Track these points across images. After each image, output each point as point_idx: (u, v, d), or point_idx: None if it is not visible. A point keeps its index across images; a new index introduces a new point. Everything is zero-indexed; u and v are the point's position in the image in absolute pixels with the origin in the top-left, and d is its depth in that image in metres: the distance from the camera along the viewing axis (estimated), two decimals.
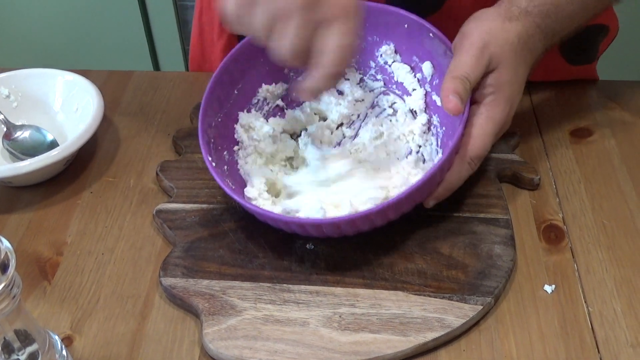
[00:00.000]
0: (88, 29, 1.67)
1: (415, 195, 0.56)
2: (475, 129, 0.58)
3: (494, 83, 0.58)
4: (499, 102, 0.58)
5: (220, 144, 0.63)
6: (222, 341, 0.53)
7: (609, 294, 0.56)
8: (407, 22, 0.64)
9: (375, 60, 0.68)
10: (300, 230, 0.56)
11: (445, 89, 0.56)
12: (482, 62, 0.57)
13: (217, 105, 0.64)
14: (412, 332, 0.53)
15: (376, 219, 0.55)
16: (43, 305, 0.58)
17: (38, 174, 0.66)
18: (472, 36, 0.58)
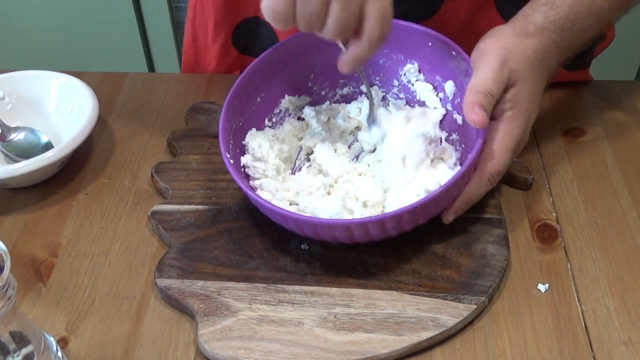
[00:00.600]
0: (83, 30, 1.67)
1: (431, 206, 0.56)
2: (494, 144, 0.58)
3: (512, 98, 0.58)
4: (516, 117, 0.58)
5: (237, 147, 0.64)
6: (217, 342, 0.53)
7: (602, 293, 0.57)
8: (432, 41, 0.64)
9: (398, 79, 0.68)
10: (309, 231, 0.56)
11: (470, 102, 0.55)
12: (502, 77, 0.57)
13: (238, 110, 0.64)
14: (406, 331, 0.53)
15: (389, 226, 0.54)
16: (38, 306, 0.58)
17: (33, 175, 0.66)
18: (491, 52, 0.58)
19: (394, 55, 0.67)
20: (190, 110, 0.75)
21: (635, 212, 0.63)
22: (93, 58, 1.72)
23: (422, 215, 0.56)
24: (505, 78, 0.57)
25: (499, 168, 0.58)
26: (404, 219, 0.54)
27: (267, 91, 0.66)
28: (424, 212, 0.55)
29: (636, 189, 0.65)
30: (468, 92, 0.56)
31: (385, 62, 0.68)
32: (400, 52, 0.66)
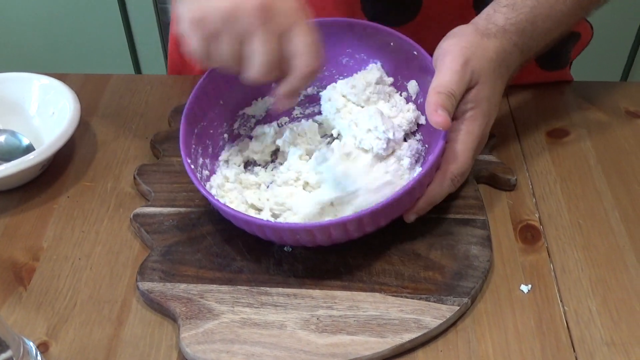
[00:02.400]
0: (68, 32, 1.66)
1: (393, 208, 0.55)
2: (456, 145, 0.58)
3: (473, 99, 0.58)
4: (477, 117, 0.58)
5: (201, 150, 0.63)
6: (199, 345, 0.53)
7: (584, 293, 0.57)
8: (393, 40, 0.64)
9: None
10: (272, 235, 0.56)
11: (432, 104, 0.55)
12: (464, 78, 0.57)
13: (200, 114, 0.63)
14: (389, 333, 0.53)
15: (351, 228, 0.54)
16: (19, 311, 0.57)
17: (14, 178, 0.65)
18: (454, 52, 0.58)
19: (356, 55, 0.67)
20: (174, 112, 0.74)
21: (617, 212, 0.63)
22: (79, 60, 1.71)
23: (383, 216, 0.56)
24: (467, 79, 0.57)
25: (462, 168, 0.58)
26: (365, 221, 0.54)
27: (228, 93, 0.66)
28: (385, 213, 0.55)
29: (619, 189, 0.66)
30: (430, 93, 0.56)
31: (348, 62, 0.68)
32: (363, 51, 0.66)
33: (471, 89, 0.58)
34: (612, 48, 1.51)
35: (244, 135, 0.68)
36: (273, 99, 0.67)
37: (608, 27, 1.42)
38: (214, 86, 0.64)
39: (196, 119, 0.63)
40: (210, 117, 0.65)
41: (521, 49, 0.61)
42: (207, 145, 0.64)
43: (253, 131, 0.68)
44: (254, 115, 0.68)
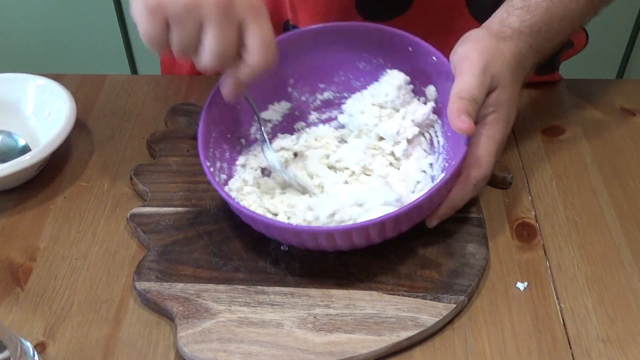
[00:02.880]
0: (64, 32, 1.66)
1: (415, 213, 0.55)
2: (478, 150, 0.57)
3: (494, 103, 0.58)
4: (498, 121, 0.58)
5: (218, 154, 0.63)
6: (196, 344, 0.53)
7: (581, 291, 0.57)
8: (412, 45, 0.63)
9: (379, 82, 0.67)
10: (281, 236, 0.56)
11: (455, 110, 0.55)
12: (485, 82, 0.57)
13: (218, 118, 0.63)
14: (386, 331, 0.53)
15: (373, 233, 0.54)
16: (16, 311, 0.57)
17: (10, 179, 0.65)
18: (472, 57, 0.57)
19: (374, 60, 0.67)
20: (170, 112, 0.74)
21: (613, 210, 0.64)
22: (75, 60, 1.71)
23: (405, 222, 0.55)
24: (487, 83, 0.57)
25: (484, 173, 0.58)
26: (387, 227, 0.54)
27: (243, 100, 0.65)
28: (407, 218, 0.55)
29: (614, 187, 0.66)
30: (452, 98, 0.56)
31: (365, 67, 0.67)
32: (380, 56, 0.66)
33: (491, 92, 0.58)
34: (607, 46, 1.51)
35: (261, 140, 0.66)
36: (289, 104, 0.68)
37: (604, 25, 1.42)
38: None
39: (214, 122, 0.62)
40: (228, 121, 0.64)
41: (536, 51, 0.61)
42: (224, 149, 0.64)
43: (272, 143, 0.68)
44: (270, 120, 0.68)
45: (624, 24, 1.51)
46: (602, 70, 1.59)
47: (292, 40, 0.65)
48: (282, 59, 0.65)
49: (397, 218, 0.53)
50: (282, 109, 0.69)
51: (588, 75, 0.87)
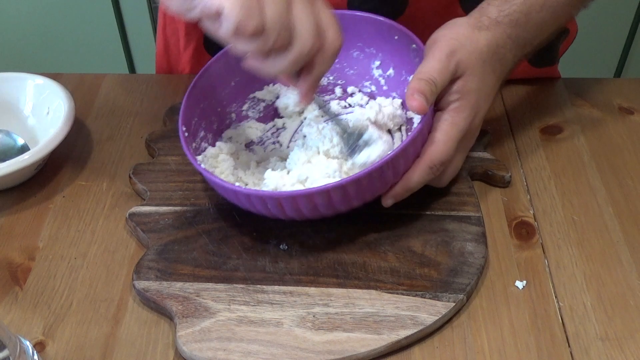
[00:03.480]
0: (62, 32, 1.66)
1: (368, 181, 0.55)
2: (438, 133, 0.58)
3: (459, 90, 0.58)
4: (463, 108, 0.58)
5: (204, 125, 0.65)
6: (195, 343, 0.53)
7: (579, 289, 0.57)
8: (397, 34, 0.64)
9: (370, 72, 0.69)
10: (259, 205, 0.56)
11: (411, 89, 0.56)
12: (449, 67, 0.57)
13: (209, 89, 0.64)
14: (385, 330, 0.53)
15: (335, 196, 0.54)
16: (15, 310, 0.57)
17: (9, 178, 0.65)
18: (441, 42, 0.58)
19: (366, 49, 0.68)
20: (169, 111, 0.74)
21: (611, 208, 0.64)
22: (73, 59, 1.71)
23: (354, 192, 0.55)
24: (451, 69, 0.57)
25: (441, 157, 0.57)
26: (348, 189, 0.54)
27: (241, 75, 0.67)
28: (356, 189, 0.55)
29: (612, 185, 0.66)
30: (412, 79, 0.57)
31: (359, 55, 0.68)
32: (373, 45, 0.67)
33: (457, 79, 0.58)
34: (605, 44, 1.51)
35: (252, 117, 0.69)
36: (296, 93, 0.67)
37: (601, 23, 1.43)
38: (227, 66, 0.65)
39: (203, 93, 0.64)
40: (220, 95, 0.66)
41: (515, 42, 0.61)
42: (212, 121, 0.66)
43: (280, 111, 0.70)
44: (264, 100, 0.70)
45: (621, 23, 1.52)
46: (599, 69, 1.59)
47: None
48: None
49: (353, 182, 0.53)
50: (276, 90, 0.70)
51: (586, 74, 0.88)
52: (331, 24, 0.52)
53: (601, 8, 1.37)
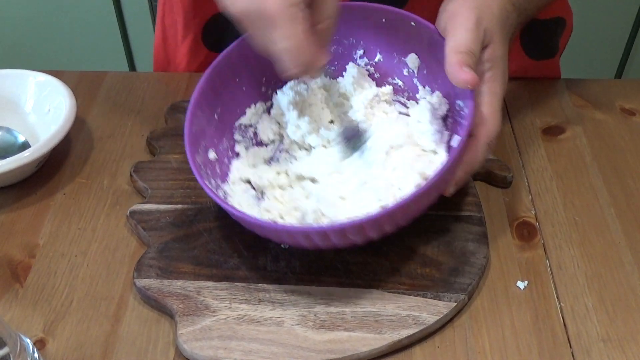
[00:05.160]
0: (63, 29, 1.66)
1: (438, 185, 0.53)
2: (483, 108, 0.56)
3: (490, 58, 0.57)
4: (497, 76, 0.57)
5: (210, 172, 0.60)
6: (196, 342, 0.53)
7: (581, 290, 0.57)
8: (385, 16, 0.62)
9: (355, 62, 0.66)
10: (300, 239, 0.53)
11: (455, 63, 0.54)
12: (479, 37, 0.56)
13: (200, 133, 0.60)
14: (386, 329, 0.53)
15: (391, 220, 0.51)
16: (15, 308, 0.57)
17: (9, 175, 0.65)
18: (463, 12, 0.56)
19: (344, 40, 0.65)
20: (170, 109, 0.74)
21: (613, 209, 0.64)
22: (73, 57, 1.71)
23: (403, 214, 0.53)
24: (481, 37, 0.56)
25: (495, 130, 0.56)
26: (400, 213, 0.51)
27: (221, 106, 0.62)
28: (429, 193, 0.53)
29: (614, 186, 0.66)
30: (449, 54, 0.55)
31: (337, 49, 0.65)
32: (352, 35, 0.64)
33: (485, 48, 0.57)
34: (607, 45, 1.51)
35: (247, 145, 0.65)
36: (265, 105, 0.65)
37: (603, 24, 1.43)
38: (206, 102, 0.61)
39: (197, 140, 0.59)
40: (210, 135, 0.61)
41: (517, 9, 0.61)
42: (214, 166, 0.61)
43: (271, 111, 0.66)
44: (251, 124, 0.65)
45: (623, 24, 1.52)
46: (600, 70, 1.59)
47: None
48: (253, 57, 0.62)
49: (418, 197, 0.50)
50: (259, 111, 0.66)
51: (587, 74, 0.88)
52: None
53: (602, 9, 1.37)
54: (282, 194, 0.61)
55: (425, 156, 0.60)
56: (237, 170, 0.62)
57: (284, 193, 0.61)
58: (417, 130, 0.61)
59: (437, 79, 0.62)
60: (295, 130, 0.63)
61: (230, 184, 0.61)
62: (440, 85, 0.62)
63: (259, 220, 0.54)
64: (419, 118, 0.61)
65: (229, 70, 0.62)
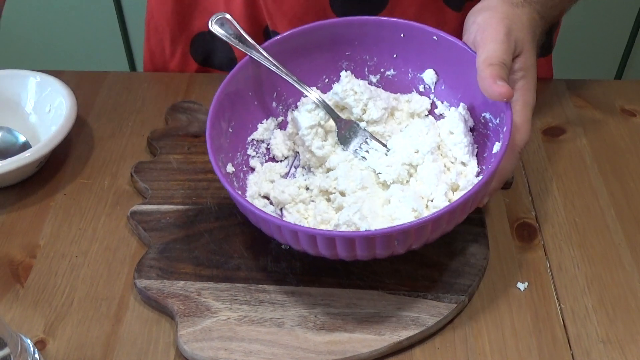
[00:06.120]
0: (63, 29, 1.66)
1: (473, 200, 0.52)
2: (516, 117, 0.56)
3: (521, 67, 0.57)
4: (529, 86, 0.58)
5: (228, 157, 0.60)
6: (197, 342, 0.53)
7: (581, 291, 0.57)
8: (404, 31, 0.62)
9: (367, 79, 0.66)
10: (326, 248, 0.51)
11: (489, 77, 0.54)
12: (510, 47, 0.56)
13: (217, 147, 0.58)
14: (386, 330, 0.53)
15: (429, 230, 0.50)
16: (16, 308, 0.57)
17: (10, 176, 0.65)
18: (493, 24, 0.57)
19: (358, 57, 0.65)
20: (171, 109, 0.74)
21: (613, 210, 0.64)
22: (73, 57, 1.71)
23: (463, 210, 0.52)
24: (512, 48, 0.56)
25: (526, 138, 0.57)
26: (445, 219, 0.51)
27: (235, 121, 0.62)
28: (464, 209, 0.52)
29: (614, 187, 0.66)
30: (481, 67, 0.55)
31: (349, 65, 0.65)
32: (367, 52, 0.64)
33: (517, 58, 0.57)
34: (607, 46, 1.51)
35: (261, 160, 0.64)
36: (276, 120, 0.65)
37: (603, 25, 1.43)
38: (223, 112, 0.60)
39: (218, 151, 0.58)
40: (226, 148, 0.60)
41: (543, 18, 0.61)
42: (232, 180, 0.60)
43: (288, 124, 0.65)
44: (263, 140, 0.65)
45: (623, 25, 1.52)
46: (601, 71, 1.59)
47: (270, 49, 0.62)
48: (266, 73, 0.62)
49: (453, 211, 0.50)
50: (270, 126, 0.65)
51: (587, 75, 0.88)
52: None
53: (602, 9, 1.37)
54: (306, 208, 0.61)
55: (453, 168, 0.60)
56: (255, 184, 0.62)
57: (308, 207, 0.61)
58: (450, 142, 0.61)
59: (457, 93, 0.62)
60: (320, 148, 0.63)
61: (250, 198, 0.60)
62: (462, 98, 0.62)
63: (316, 230, 0.52)
64: (451, 129, 0.61)
65: (244, 82, 0.62)
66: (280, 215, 0.61)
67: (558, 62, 0.88)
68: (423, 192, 0.58)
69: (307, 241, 0.51)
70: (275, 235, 0.53)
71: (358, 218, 0.55)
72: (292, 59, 0.63)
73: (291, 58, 0.63)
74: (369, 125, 0.63)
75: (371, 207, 0.57)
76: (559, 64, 0.89)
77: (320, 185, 0.61)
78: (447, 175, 0.59)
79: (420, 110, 0.64)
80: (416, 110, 0.64)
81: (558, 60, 0.88)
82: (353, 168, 0.61)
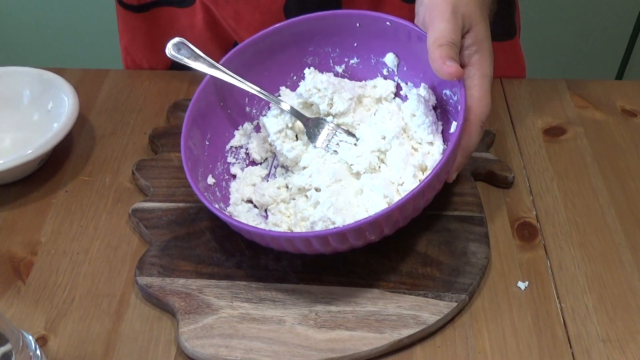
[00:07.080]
0: (65, 26, 1.66)
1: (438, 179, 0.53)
2: (474, 91, 0.57)
3: (474, 42, 0.58)
4: (484, 58, 0.58)
5: (211, 196, 0.61)
6: (198, 340, 0.53)
7: (581, 290, 0.57)
8: (360, 20, 0.63)
9: (333, 70, 0.67)
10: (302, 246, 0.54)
11: (438, 57, 0.54)
12: (458, 25, 0.56)
13: (194, 158, 0.60)
14: (387, 329, 0.53)
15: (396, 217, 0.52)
16: (17, 305, 0.57)
17: (12, 173, 0.65)
18: (438, 4, 0.57)
19: (321, 50, 0.66)
20: (172, 107, 0.74)
21: (613, 210, 0.64)
22: (75, 54, 1.71)
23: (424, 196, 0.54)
24: (460, 25, 0.57)
25: (486, 111, 0.57)
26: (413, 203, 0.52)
27: (211, 131, 0.64)
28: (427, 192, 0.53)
29: (614, 187, 0.66)
30: (431, 48, 0.56)
31: (314, 60, 0.67)
32: (329, 44, 0.66)
33: (467, 33, 0.58)
34: (608, 46, 1.51)
35: (241, 166, 0.66)
36: (252, 124, 0.67)
37: (604, 25, 1.43)
38: (197, 129, 0.62)
39: (195, 168, 0.60)
40: (204, 161, 0.62)
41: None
42: (214, 191, 0.62)
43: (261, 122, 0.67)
44: (242, 145, 0.66)
45: (624, 25, 1.52)
46: (601, 71, 1.59)
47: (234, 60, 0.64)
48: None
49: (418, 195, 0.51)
50: (247, 131, 0.67)
51: (588, 75, 0.88)
52: None
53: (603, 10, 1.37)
54: (287, 207, 0.62)
55: (420, 149, 0.61)
56: (237, 191, 0.63)
57: (288, 206, 0.62)
58: (413, 124, 0.61)
59: (419, 73, 0.64)
60: (291, 150, 0.64)
61: (233, 206, 0.62)
62: (423, 78, 0.63)
63: (287, 234, 0.55)
64: (413, 111, 0.62)
65: (213, 95, 0.64)
66: (266, 216, 0.62)
67: (559, 62, 0.88)
68: (393, 177, 0.59)
69: (285, 243, 0.53)
70: (257, 240, 0.55)
71: (332, 213, 0.56)
72: (257, 63, 0.65)
73: (256, 63, 0.65)
74: (337, 118, 0.65)
75: (346, 199, 0.58)
76: (560, 64, 0.89)
77: (297, 183, 0.62)
78: (415, 157, 0.60)
79: (386, 94, 0.65)
80: (382, 94, 0.66)
81: (559, 60, 0.88)
82: (326, 163, 0.62)
